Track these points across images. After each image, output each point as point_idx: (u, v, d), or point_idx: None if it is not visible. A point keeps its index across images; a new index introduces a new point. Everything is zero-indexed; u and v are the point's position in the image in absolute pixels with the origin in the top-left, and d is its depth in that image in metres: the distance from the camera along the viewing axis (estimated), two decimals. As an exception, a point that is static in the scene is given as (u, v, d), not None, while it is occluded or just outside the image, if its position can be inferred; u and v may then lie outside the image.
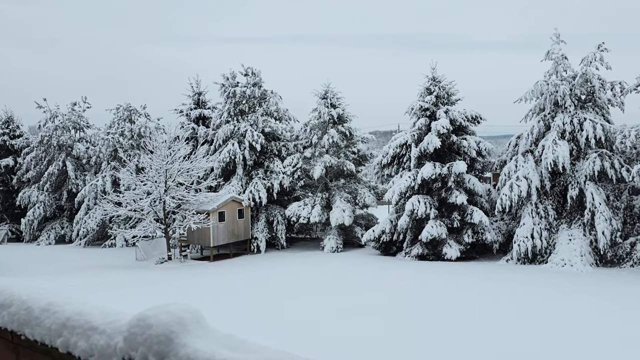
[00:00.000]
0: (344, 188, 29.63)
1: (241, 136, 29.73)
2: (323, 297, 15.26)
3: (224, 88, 30.76)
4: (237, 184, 29.10)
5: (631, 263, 20.99)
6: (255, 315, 12.75)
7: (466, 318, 12.29)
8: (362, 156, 31.01)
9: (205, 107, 34.80)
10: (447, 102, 26.45)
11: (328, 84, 30.00)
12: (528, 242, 21.97)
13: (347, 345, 10.02)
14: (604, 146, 22.75)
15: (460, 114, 25.76)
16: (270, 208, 29.94)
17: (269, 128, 30.25)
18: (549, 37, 23.96)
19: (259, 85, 30.94)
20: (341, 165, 28.71)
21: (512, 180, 22.55)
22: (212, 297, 15.39)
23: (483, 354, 9.54)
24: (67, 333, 1.76)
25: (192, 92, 34.59)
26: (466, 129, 26.47)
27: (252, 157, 29.86)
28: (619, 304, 13.98)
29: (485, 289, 16.30)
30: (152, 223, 25.06)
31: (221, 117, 30.68)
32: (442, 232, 23.49)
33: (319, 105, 29.55)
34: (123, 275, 21.26)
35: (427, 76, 26.70)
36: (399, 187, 24.92)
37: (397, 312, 13.05)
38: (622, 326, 11.52)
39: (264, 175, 29.68)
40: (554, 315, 12.67)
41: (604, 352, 9.68)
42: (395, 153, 27.30)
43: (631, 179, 21.02)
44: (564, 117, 22.82)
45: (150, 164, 25.34)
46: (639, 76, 21.76)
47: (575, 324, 11.75)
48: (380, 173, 29.08)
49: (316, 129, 29.73)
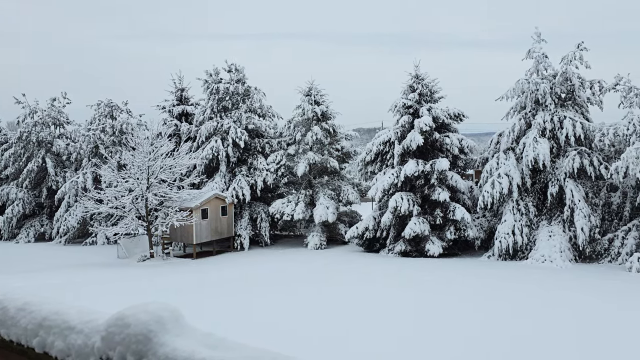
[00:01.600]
0: (327, 185, 29.66)
1: (224, 133, 29.57)
2: (306, 295, 15.28)
3: (207, 84, 30.55)
4: (220, 181, 28.95)
5: (609, 259, 21.39)
6: (237, 312, 12.71)
7: (448, 317, 12.41)
8: (346, 153, 31.07)
9: (188, 104, 34.51)
10: (430, 99, 26.61)
11: (312, 81, 30.00)
12: (509, 238, 22.24)
13: (328, 344, 10.05)
14: (583, 144, 23.12)
15: (443, 112, 25.94)
16: (253, 205, 29.85)
17: (252, 125, 30.13)
18: (530, 36, 24.24)
19: (242, 81, 30.78)
20: (325, 162, 28.73)
21: (494, 178, 22.79)
22: (194, 294, 15.30)
23: (475, 353, 9.65)
24: (44, 333, 1.74)
25: (175, 88, 34.27)
26: (449, 126, 26.67)
27: (236, 154, 29.72)
28: (600, 299, 14.24)
29: (468, 285, 16.47)
30: (134, 220, 24.81)
31: (204, 113, 30.47)
32: (425, 229, 23.66)
33: (302, 102, 29.52)
34: (104, 273, 21.03)
35: (411, 74, 26.83)
36: (382, 184, 25.02)
37: (380, 309, 13.12)
38: (605, 320, 11.74)
39: (247, 172, 29.57)
40: (538, 311, 12.86)
41: (585, 344, 9.86)
42: (379, 150, 27.41)
43: (609, 176, 21.41)
44: (545, 115, 23.12)
45: (132, 161, 25.08)
46: (617, 75, 22.14)
47: (558, 319, 11.94)
48: (363, 170, 29.18)
49: (300, 126, 29.70)
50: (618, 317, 12.22)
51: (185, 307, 7.69)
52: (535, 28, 24.18)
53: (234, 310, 12.97)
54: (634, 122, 20.82)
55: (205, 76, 30.79)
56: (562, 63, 23.44)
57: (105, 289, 16.41)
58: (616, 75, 22.17)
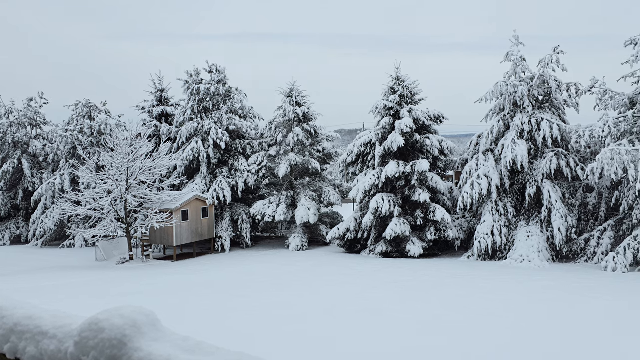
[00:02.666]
0: (309, 186, 29.67)
1: (205, 134, 29.37)
2: (288, 297, 15.24)
3: (188, 85, 30.32)
4: (201, 183, 28.74)
5: (585, 258, 21.79)
6: (216, 315, 12.62)
7: (423, 317, 12.50)
8: (327, 154, 31.11)
9: (168, 104, 34.21)
10: (411, 101, 26.80)
11: (293, 82, 29.97)
12: (488, 238, 22.51)
13: (311, 345, 10.03)
14: (560, 145, 23.53)
15: (423, 114, 26.14)
16: (235, 207, 29.70)
17: (233, 126, 29.98)
18: (509, 39, 24.58)
19: (223, 82, 30.62)
20: (306, 163, 28.72)
21: (473, 179, 23.04)
22: (173, 297, 15.14)
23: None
24: (16, 338, 1.70)
25: (155, 88, 33.93)
26: (429, 128, 26.89)
27: (217, 155, 29.53)
28: (576, 298, 14.49)
29: (449, 285, 16.62)
30: (112, 222, 24.48)
31: (185, 114, 30.22)
32: (405, 230, 23.81)
33: (284, 104, 29.49)
34: (81, 276, 20.69)
35: (392, 76, 26.98)
36: (363, 185, 25.12)
37: (364, 310, 13.16)
38: (584, 319, 11.95)
39: (228, 174, 29.42)
40: (519, 310, 13.03)
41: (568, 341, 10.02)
42: (360, 151, 27.50)
43: (585, 177, 21.83)
44: (523, 117, 23.46)
45: (111, 162, 24.75)
46: (592, 78, 22.58)
47: (539, 316, 12.12)
48: (345, 171, 29.29)
49: (281, 127, 29.65)
50: (596, 313, 12.46)
51: (163, 310, 7.68)
52: (514, 31, 24.53)
53: (214, 313, 12.87)
54: (609, 124, 21.25)
55: (185, 77, 30.56)
56: (539, 66, 23.81)
57: (81, 292, 16.15)
58: (592, 79, 22.61)
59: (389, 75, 27.07)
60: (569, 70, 23.61)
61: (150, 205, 25.38)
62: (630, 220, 20.82)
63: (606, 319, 12.06)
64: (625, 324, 11.59)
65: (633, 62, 21.59)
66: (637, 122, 21.19)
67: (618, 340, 10.25)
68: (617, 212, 21.99)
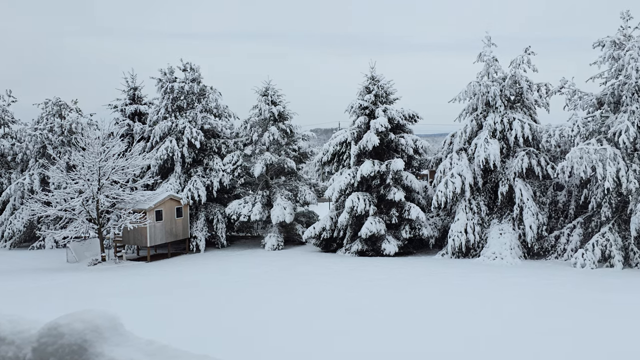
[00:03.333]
0: (284, 185, 29.60)
1: (179, 133, 29.03)
2: (260, 296, 15.19)
3: (161, 83, 29.91)
4: (175, 182, 28.40)
5: (555, 255, 22.28)
6: (187, 317, 12.47)
7: (400, 316, 12.60)
8: (303, 154, 31.08)
9: (142, 103, 33.70)
10: (386, 101, 26.96)
11: (269, 81, 29.84)
12: (462, 236, 22.81)
13: (277, 347, 10.01)
14: (531, 145, 23.98)
15: (398, 113, 26.33)
16: (210, 206, 29.45)
17: (208, 125, 29.71)
18: (481, 39, 24.93)
19: (197, 80, 30.30)
20: (282, 162, 28.65)
21: (447, 177, 23.32)
22: (143, 299, 14.93)
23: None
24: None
25: (127, 87, 33.38)
26: (404, 127, 27.10)
27: (191, 154, 29.23)
28: (546, 293, 14.81)
29: (424, 283, 16.80)
30: (84, 223, 24.01)
31: (158, 113, 29.82)
32: (381, 228, 23.96)
33: (259, 102, 29.34)
34: (51, 279, 20.23)
35: (367, 75, 27.10)
36: (339, 184, 25.19)
37: (338, 310, 13.19)
38: (554, 314, 12.21)
39: (203, 173, 29.14)
40: (493, 306, 13.23)
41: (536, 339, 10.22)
42: (336, 151, 27.56)
43: (556, 175, 22.31)
44: (495, 116, 23.84)
45: (82, 162, 24.26)
46: (562, 79, 23.07)
47: (512, 312, 12.34)
48: (320, 170, 29.27)
49: (257, 126, 29.50)
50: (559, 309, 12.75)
51: (131, 312, 7.61)
52: (486, 32, 24.91)
53: (185, 315, 12.73)
54: (578, 123, 21.74)
55: (159, 75, 30.15)
56: (511, 66, 24.22)
57: (51, 295, 15.81)
58: (561, 79, 23.10)
59: (364, 75, 27.19)
60: (541, 70, 24.14)
61: (123, 206, 24.98)
62: (599, 217, 21.35)
63: (574, 313, 12.35)
64: (593, 317, 11.89)
65: (600, 64, 22.14)
66: (605, 121, 21.74)
67: (591, 331, 10.51)
68: (586, 210, 22.53)
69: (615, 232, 20.54)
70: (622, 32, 21.79)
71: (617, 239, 20.28)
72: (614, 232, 20.46)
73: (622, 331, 10.77)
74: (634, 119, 20.20)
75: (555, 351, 9.46)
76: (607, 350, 9.53)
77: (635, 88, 20.54)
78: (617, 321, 11.66)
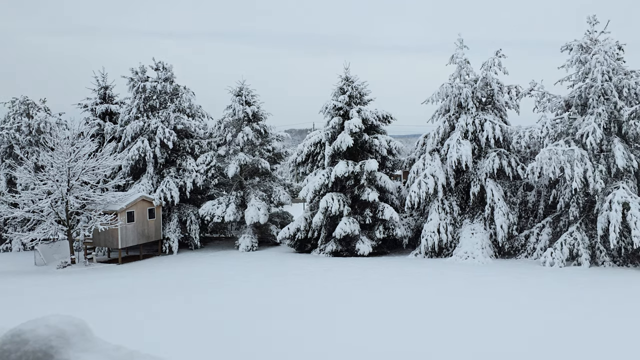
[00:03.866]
0: (259, 186, 29.47)
1: (152, 133, 28.63)
2: (233, 298, 15.09)
3: (133, 82, 29.46)
4: (147, 183, 28.00)
5: (525, 254, 22.74)
6: (158, 321, 12.29)
7: (373, 316, 12.68)
8: (277, 154, 31.00)
9: (113, 102, 33.12)
10: (360, 101, 27.11)
11: (243, 81, 29.68)
12: (435, 236, 23.08)
13: (248, 349, 9.97)
14: (502, 146, 24.43)
15: (372, 114, 26.49)
16: (183, 207, 29.11)
17: (181, 125, 29.38)
18: (454, 42, 25.28)
19: (170, 80, 29.94)
20: (256, 163, 28.52)
21: (420, 178, 23.56)
22: (113, 302, 14.65)
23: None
24: None
25: (98, 86, 32.76)
26: (378, 128, 27.29)
27: (164, 154, 28.85)
28: (517, 292, 15.10)
29: (398, 283, 16.93)
30: (53, 225, 23.47)
31: (130, 112, 29.35)
32: (355, 229, 24.07)
33: (233, 103, 29.15)
34: (18, 282, 19.70)
35: (341, 76, 27.20)
36: (313, 185, 25.21)
37: (312, 311, 13.19)
38: (526, 310, 12.45)
39: (176, 174, 28.79)
40: (465, 305, 13.42)
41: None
42: (310, 151, 27.58)
43: (526, 176, 22.78)
44: (467, 118, 24.21)
45: (51, 162, 23.71)
46: (532, 81, 23.57)
47: (483, 310, 12.53)
48: (295, 171, 29.26)
49: (230, 127, 29.31)
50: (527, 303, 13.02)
51: (100, 317, 7.49)
52: (458, 35, 25.27)
53: (154, 319, 12.53)
54: (547, 125, 22.24)
55: (131, 74, 29.68)
56: (482, 69, 24.63)
57: (17, 300, 15.39)
58: (531, 82, 23.59)
59: (339, 76, 27.29)
60: (511, 73, 24.58)
61: (94, 207, 24.50)
62: (567, 217, 21.88)
63: (543, 311, 12.63)
64: (561, 313, 12.18)
65: (568, 67, 22.68)
66: (573, 123, 22.29)
67: (562, 327, 10.76)
68: (555, 210, 23.07)
69: (583, 231, 21.07)
70: (589, 36, 22.38)
71: (584, 238, 20.81)
72: (581, 231, 20.98)
73: (593, 328, 11.06)
74: (600, 121, 20.77)
75: (525, 348, 9.66)
76: (577, 346, 9.77)
77: (601, 91, 21.12)
78: (588, 318, 11.97)
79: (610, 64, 21.04)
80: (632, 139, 21.09)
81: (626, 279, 17.60)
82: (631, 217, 18.80)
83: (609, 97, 21.20)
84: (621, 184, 19.83)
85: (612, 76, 21.16)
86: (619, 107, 21.00)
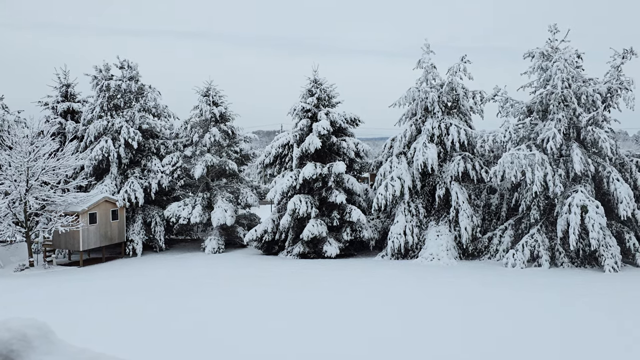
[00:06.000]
0: (226, 188, 29.20)
1: (116, 132, 28.02)
2: (197, 301, 14.90)
3: (97, 81, 28.78)
4: (111, 184, 27.37)
5: (488, 255, 23.24)
6: (122, 324, 12.04)
7: (340, 317, 12.74)
8: (245, 155, 30.81)
9: (75, 101, 32.25)
10: (328, 104, 27.21)
11: (210, 81, 29.39)
12: (401, 238, 23.34)
13: (214, 352, 9.88)
14: (467, 149, 24.93)
15: (340, 116, 26.63)
16: (147, 209, 28.58)
17: (146, 125, 28.85)
18: (420, 47, 25.66)
19: (135, 79, 29.37)
20: (223, 164, 28.26)
21: (387, 180, 23.81)
22: (75, 305, 14.27)
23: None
24: None
25: (60, 83, 31.84)
26: (346, 130, 27.44)
27: (128, 155, 28.28)
28: (480, 292, 15.41)
29: (364, 284, 17.05)
30: (10, 226, 22.69)
31: (93, 111, 28.66)
32: (322, 231, 24.12)
33: (200, 103, 28.82)
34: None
35: (310, 78, 27.25)
36: (281, 186, 25.14)
37: (278, 313, 13.15)
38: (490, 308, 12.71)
39: (141, 175, 28.25)
40: (430, 305, 13.60)
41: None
42: (278, 153, 27.50)
43: (489, 179, 23.30)
44: (433, 122, 24.60)
45: (8, 161, 22.93)
46: (495, 87, 24.13)
47: (447, 309, 12.73)
48: (262, 173, 29.11)
49: (197, 127, 28.97)
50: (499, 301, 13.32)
51: (61, 320, 7.29)
52: (425, 40, 25.66)
53: (119, 321, 12.27)
54: (510, 130, 22.82)
55: (94, 72, 28.98)
56: (448, 74, 25.08)
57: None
58: (495, 87, 24.15)
59: (307, 78, 27.34)
60: (479, 79, 25.15)
61: (54, 208, 23.80)
62: (528, 219, 22.49)
63: (505, 309, 12.94)
64: (522, 313, 12.50)
65: (530, 74, 23.34)
66: (534, 128, 22.94)
67: (522, 328, 11.04)
68: (517, 212, 23.68)
69: (543, 233, 21.69)
70: (550, 44, 23.08)
71: (544, 239, 21.42)
72: (541, 233, 21.59)
73: (552, 329, 11.39)
74: (560, 126, 21.43)
75: (485, 350, 9.87)
76: (538, 346, 10.04)
77: (562, 97, 21.81)
78: (547, 319, 12.32)
79: (570, 71, 21.75)
80: (590, 145, 21.86)
81: (584, 279, 18.17)
82: (589, 219, 19.45)
83: (568, 104, 21.90)
84: (579, 188, 20.50)
85: (571, 83, 21.88)
86: (577, 113, 21.72)
